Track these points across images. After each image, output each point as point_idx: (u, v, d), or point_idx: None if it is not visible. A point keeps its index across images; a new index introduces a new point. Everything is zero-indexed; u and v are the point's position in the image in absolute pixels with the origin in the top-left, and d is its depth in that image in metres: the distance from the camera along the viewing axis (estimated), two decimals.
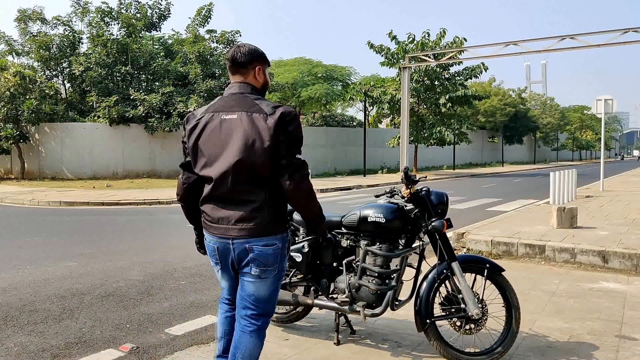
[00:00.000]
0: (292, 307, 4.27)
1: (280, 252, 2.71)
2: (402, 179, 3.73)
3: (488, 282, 3.67)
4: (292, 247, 3.86)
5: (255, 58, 2.77)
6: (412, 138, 31.62)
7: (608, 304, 5.07)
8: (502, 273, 3.71)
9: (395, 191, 3.90)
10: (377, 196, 4.00)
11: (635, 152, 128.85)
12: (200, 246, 3.03)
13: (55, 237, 9.39)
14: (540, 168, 48.69)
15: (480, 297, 3.64)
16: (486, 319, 3.66)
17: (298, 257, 3.88)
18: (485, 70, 32.33)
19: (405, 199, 3.74)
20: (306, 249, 3.85)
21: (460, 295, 3.61)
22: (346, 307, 3.75)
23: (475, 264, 3.76)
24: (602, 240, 7.25)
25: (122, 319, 4.69)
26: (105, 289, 5.70)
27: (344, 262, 3.80)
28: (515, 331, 3.66)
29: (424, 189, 3.75)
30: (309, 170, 2.75)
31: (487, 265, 3.68)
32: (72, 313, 4.86)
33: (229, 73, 2.85)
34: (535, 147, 66.15)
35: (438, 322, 3.66)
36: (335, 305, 3.79)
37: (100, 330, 4.41)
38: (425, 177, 4.47)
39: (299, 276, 4.03)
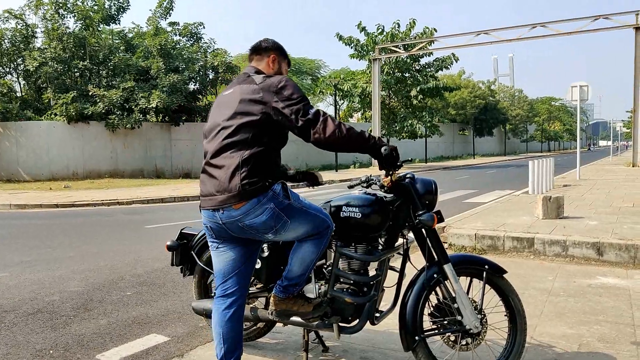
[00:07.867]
0: (251, 322, 3.54)
1: (272, 214, 2.60)
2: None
3: (487, 286, 3.01)
4: None
5: (273, 47, 2.89)
6: (384, 132, 31.06)
7: (612, 302, 4.48)
8: (504, 275, 3.05)
9: (372, 179, 3.18)
10: (350, 187, 3.28)
11: (602, 143, 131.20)
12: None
13: None
14: (511, 159, 48.80)
15: (479, 306, 2.98)
16: (486, 331, 3.00)
17: (257, 264, 3.15)
18: (456, 61, 31.94)
19: (385, 188, 3.04)
20: (266, 253, 3.14)
21: (454, 305, 2.94)
22: (316, 323, 3.05)
23: (471, 265, 3.09)
24: (593, 231, 6.68)
25: (46, 343, 3.88)
26: (34, 304, 4.86)
27: None
28: (522, 344, 3.01)
29: (408, 175, 3.06)
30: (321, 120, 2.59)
31: (486, 266, 3.01)
32: None
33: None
34: (505, 139, 66.31)
35: (428, 338, 2.98)
36: (302, 320, 3.08)
37: None
38: (410, 159, 3.77)
39: (258, 286, 3.30)
